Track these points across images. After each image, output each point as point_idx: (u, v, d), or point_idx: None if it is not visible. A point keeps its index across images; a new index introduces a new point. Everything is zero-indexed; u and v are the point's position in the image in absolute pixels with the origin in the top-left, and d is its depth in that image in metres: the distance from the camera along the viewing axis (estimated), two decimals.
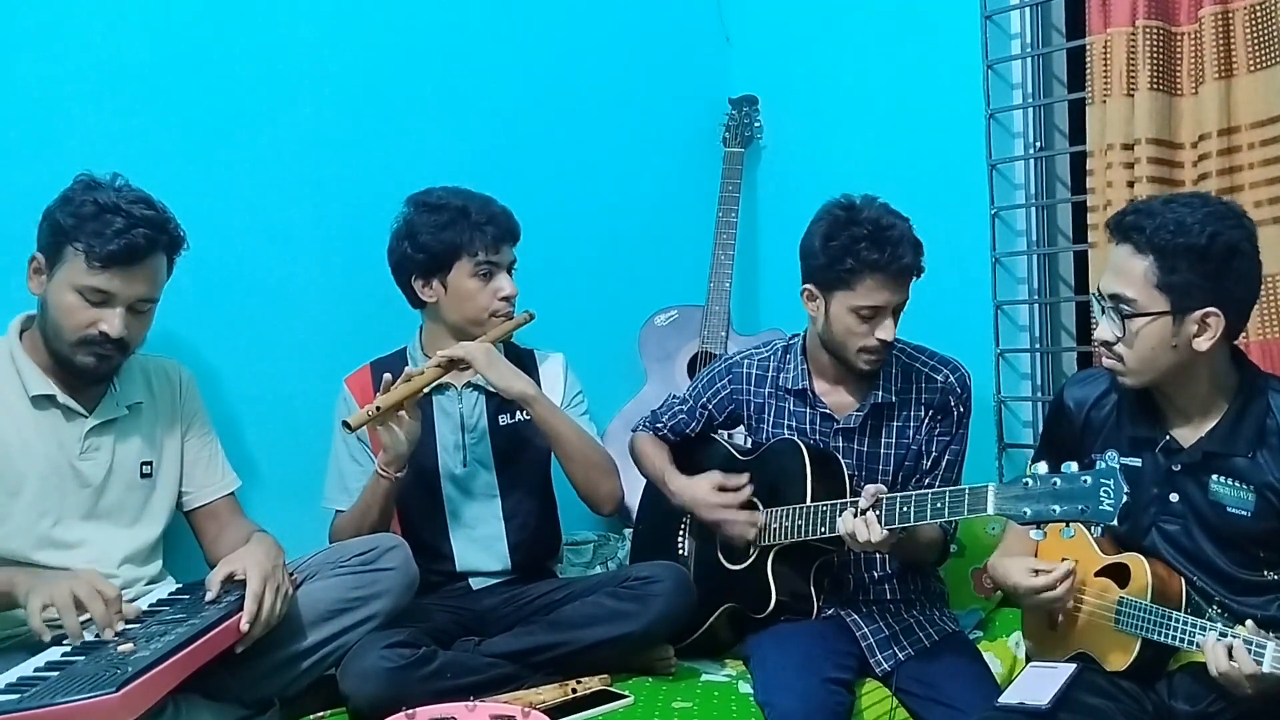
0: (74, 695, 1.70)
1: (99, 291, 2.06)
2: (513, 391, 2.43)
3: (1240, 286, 1.88)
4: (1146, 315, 1.87)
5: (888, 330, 2.29)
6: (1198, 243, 1.83)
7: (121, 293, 2.07)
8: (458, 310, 2.50)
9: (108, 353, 2.11)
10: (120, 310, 2.08)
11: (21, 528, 2.10)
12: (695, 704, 2.21)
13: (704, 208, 3.38)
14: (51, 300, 2.09)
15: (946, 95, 3.12)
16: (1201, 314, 1.86)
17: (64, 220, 2.06)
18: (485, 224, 2.46)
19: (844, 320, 2.31)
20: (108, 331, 2.07)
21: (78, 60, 2.44)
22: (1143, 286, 1.87)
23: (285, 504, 2.62)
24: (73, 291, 2.06)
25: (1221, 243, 1.83)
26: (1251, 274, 1.89)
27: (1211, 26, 2.48)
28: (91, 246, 2.03)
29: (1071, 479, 1.81)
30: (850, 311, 2.29)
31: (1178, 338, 1.87)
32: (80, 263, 2.05)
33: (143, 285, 2.11)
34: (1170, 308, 1.86)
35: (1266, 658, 1.72)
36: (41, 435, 2.14)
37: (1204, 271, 1.84)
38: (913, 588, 2.46)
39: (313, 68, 2.77)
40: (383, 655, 2.08)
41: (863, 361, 2.34)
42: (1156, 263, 1.86)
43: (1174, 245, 1.84)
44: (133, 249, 2.06)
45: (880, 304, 2.28)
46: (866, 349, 2.32)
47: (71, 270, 2.06)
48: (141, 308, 2.13)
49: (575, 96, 3.26)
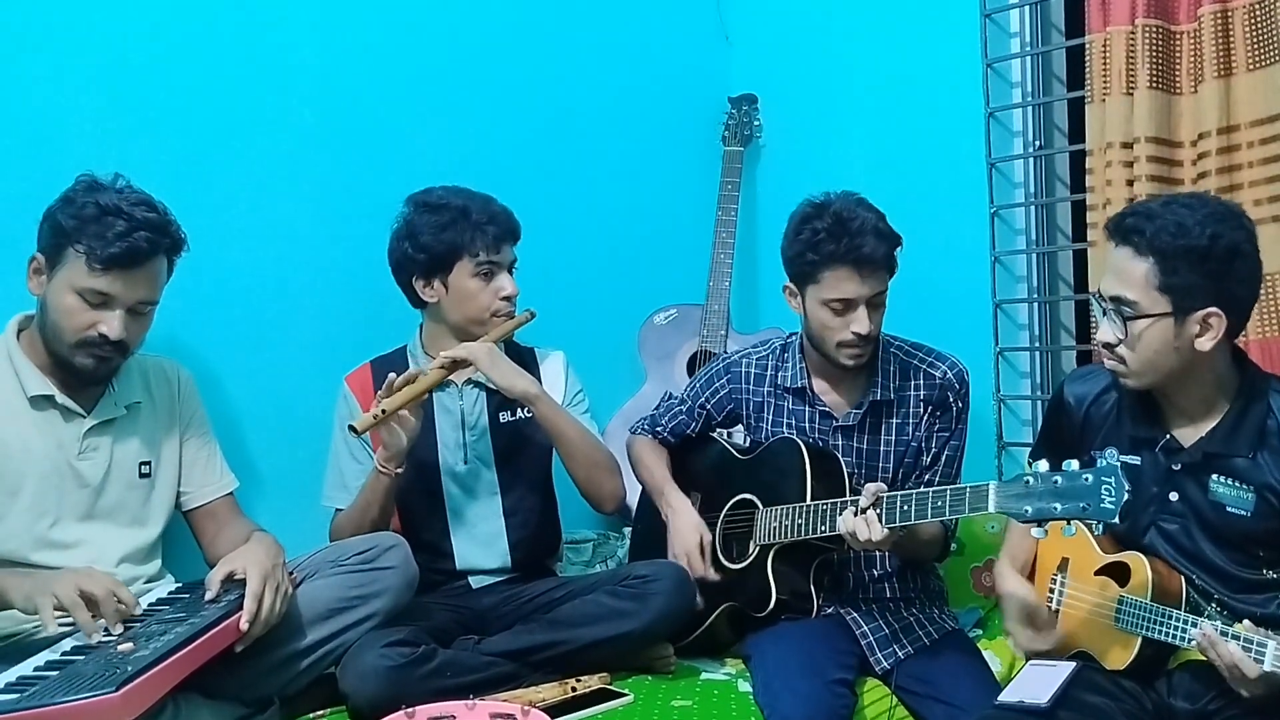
0: (74, 695, 1.70)
1: (99, 294, 2.06)
2: (515, 390, 2.43)
3: (1241, 286, 1.88)
4: (1148, 317, 1.87)
5: (861, 323, 2.28)
6: (1199, 244, 1.83)
7: (122, 295, 2.07)
8: (459, 310, 2.50)
9: (107, 354, 2.10)
10: (120, 312, 2.08)
11: (20, 528, 2.10)
12: (695, 702, 2.21)
13: (703, 206, 3.38)
14: (51, 301, 2.09)
15: (946, 94, 3.12)
16: (1203, 314, 1.85)
17: (65, 221, 2.06)
18: (486, 224, 2.46)
19: (818, 315, 2.33)
20: (107, 334, 2.07)
21: (76, 60, 2.44)
22: (1144, 289, 1.87)
23: (285, 503, 2.62)
24: (73, 293, 2.06)
25: (1223, 244, 1.83)
26: (1252, 274, 1.89)
27: (1211, 25, 2.48)
28: (93, 249, 2.03)
29: (1073, 477, 1.81)
30: (822, 305, 2.31)
31: (1180, 339, 1.87)
32: (81, 264, 2.04)
33: (143, 288, 2.11)
34: (1172, 309, 1.86)
35: (1267, 657, 1.72)
36: (40, 435, 2.13)
37: (1205, 272, 1.84)
38: (912, 586, 2.46)
39: (312, 67, 2.77)
40: (382, 654, 2.08)
41: (844, 357, 2.34)
42: (1157, 265, 1.85)
43: (1175, 247, 1.84)
44: (134, 252, 2.06)
45: (849, 296, 2.28)
46: (844, 343, 2.32)
47: (72, 272, 2.06)
48: (141, 310, 2.13)
49: (575, 95, 3.26)
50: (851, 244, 2.24)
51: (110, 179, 2.13)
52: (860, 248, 2.24)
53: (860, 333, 2.29)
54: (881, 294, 2.31)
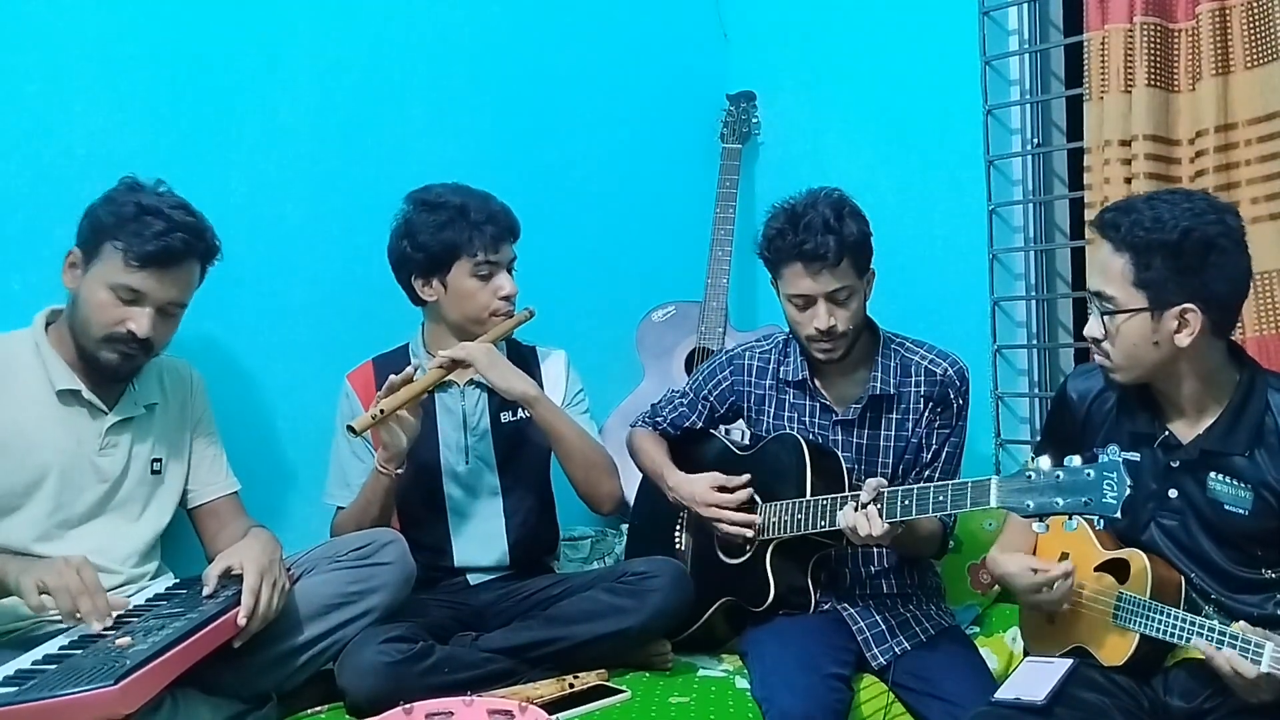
0: (72, 688, 1.70)
1: (132, 290, 2.09)
2: (514, 393, 2.42)
3: (1219, 282, 1.86)
4: (1126, 312, 1.88)
5: (821, 319, 2.28)
6: (1170, 238, 1.83)
7: (153, 294, 2.11)
8: (458, 309, 2.49)
9: (132, 351, 2.13)
10: (149, 311, 2.11)
11: (35, 519, 2.12)
12: (692, 699, 2.21)
13: (702, 204, 3.37)
14: (84, 295, 2.12)
15: (944, 91, 3.11)
16: (1179, 310, 1.85)
17: (105, 218, 2.10)
18: (484, 223, 2.45)
19: (787, 310, 2.36)
20: (135, 331, 2.10)
21: (76, 60, 2.44)
22: (1121, 284, 1.88)
23: (287, 499, 2.63)
24: (106, 288, 2.09)
25: (1195, 238, 1.83)
26: (1232, 270, 1.87)
27: (1209, 23, 2.48)
28: (130, 245, 2.08)
29: (1075, 472, 1.82)
30: (787, 300, 2.34)
31: (1158, 334, 1.88)
32: (117, 260, 2.08)
33: (175, 289, 2.15)
34: (1148, 304, 1.87)
35: (1265, 658, 1.72)
36: (64, 430, 2.16)
37: (1177, 267, 1.84)
38: (909, 582, 2.46)
39: (311, 65, 2.77)
40: (380, 650, 2.08)
41: (815, 350, 2.36)
42: (1132, 260, 1.86)
43: (1147, 241, 1.84)
44: (170, 251, 2.10)
45: (804, 292, 2.29)
46: (811, 338, 2.33)
47: (107, 267, 2.09)
48: (171, 311, 2.17)
49: (573, 92, 3.26)
50: (797, 240, 2.25)
51: (153, 183, 2.18)
52: (804, 244, 2.25)
53: (820, 328, 2.29)
54: (843, 290, 2.29)
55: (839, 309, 2.30)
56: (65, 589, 1.88)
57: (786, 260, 2.29)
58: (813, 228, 2.25)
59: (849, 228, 2.27)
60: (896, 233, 2.70)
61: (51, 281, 2.18)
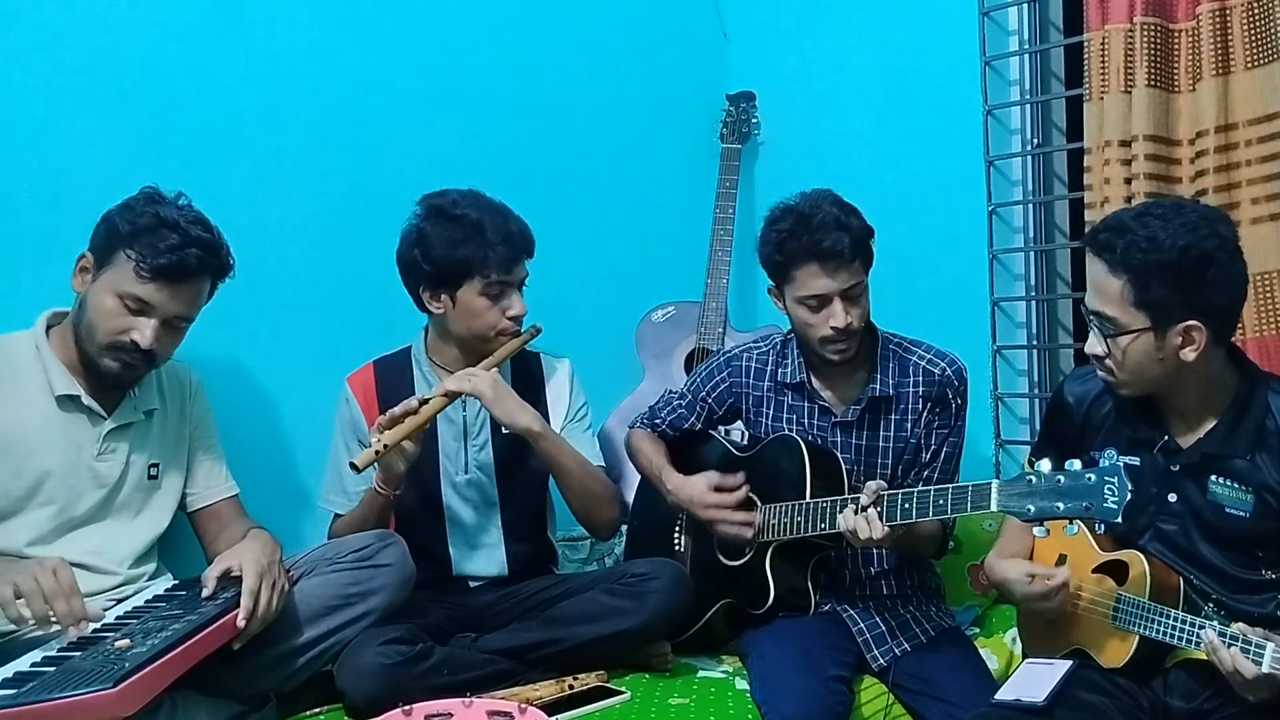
0: (71, 690, 1.70)
1: (140, 300, 2.10)
2: (518, 427, 2.38)
3: (1219, 295, 1.85)
4: (1129, 333, 1.87)
5: (839, 317, 2.29)
6: (1169, 258, 1.81)
7: (161, 306, 2.11)
8: (464, 325, 2.46)
9: (134, 361, 2.13)
10: (155, 323, 2.11)
11: (33, 523, 2.12)
12: (692, 700, 2.21)
13: (701, 204, 3.37)
14: (91, 300, 2.12)
15: (944, 91, 3.11)
16: (1183, 327, 1.84)
17: (122, 226, 2.11)
18: (500, 243, 2.39)
19: (798, 313, 2.34)
20: (138, 341, 2.10)
21: (75, 59, 2.44)
22: (1121, 305, 1.87)
23: (286, 501, 2.62)
24: (114, 296, 2.09)
25: (1193, 256, 1.81)
26: (1231, 281, 1.86)
27: (1209, 23, 2.48)
28: (143, 256, 2.08)
29: (1075, 476, 1.81)
30: (799, 304, 2.32)
31: (1163, 351, 1.87)
32: (129, 269, 2.08)
33: (183, 303, 2.15)
34: (1150, 324, 1.85)
35: (1266, 658, 1.72)
36: (63, 434, 2.16)
37: (1178, 287, 1.82)
38: (909, 583, 2.46)
39: (313, 66, 2.77)
40: (379, 651, 2.08)
41: (829, 352, 2.35)
42: (1130, 282, 1.84)
43: (1145, 263, 1.82)
44: (183, 266, 2.11)
45: (820, 291, 2.28)
46: (826, 339, 2.32)
47: (118, 275, 2.09)
48: (176, 325, 2.17)
49: (573, 93, 3.26)
50: (813, 239, 2.25)
51: (173, 195, 2.18)
52: (821, 242, 2.25)
53: (838, 327, 2.29)
54: (857, 286, 2.31)
55: (853, 306, 2.30)
56: (39, 592, 1.86)
57: (801, 261, 2.28)
58: (826, 225, 2.25)
59: (857, 223, 2.29)
60: (896, 233, 2.70)
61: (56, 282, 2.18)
